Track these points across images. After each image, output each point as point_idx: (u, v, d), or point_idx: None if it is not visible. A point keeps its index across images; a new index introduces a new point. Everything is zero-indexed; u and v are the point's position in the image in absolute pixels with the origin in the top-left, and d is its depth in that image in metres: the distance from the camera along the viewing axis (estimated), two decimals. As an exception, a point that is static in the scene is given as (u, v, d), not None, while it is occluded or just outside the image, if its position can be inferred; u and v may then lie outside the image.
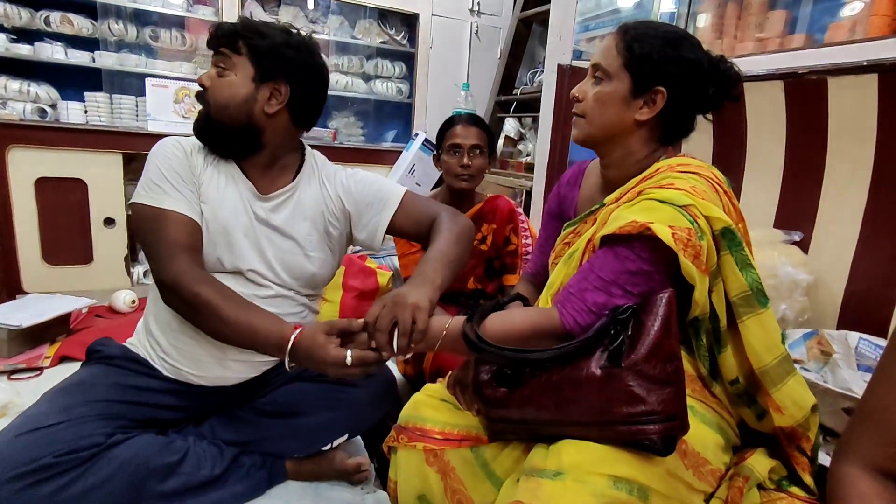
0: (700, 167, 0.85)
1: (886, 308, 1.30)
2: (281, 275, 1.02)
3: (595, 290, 0.81)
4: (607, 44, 0.89)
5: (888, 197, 1.31)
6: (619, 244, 0.80)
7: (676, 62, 0.85)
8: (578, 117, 0.92)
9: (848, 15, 1.59)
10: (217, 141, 0.99)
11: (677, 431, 0.71)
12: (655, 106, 0.87)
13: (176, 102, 2.26)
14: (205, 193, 0.96)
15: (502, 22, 3.08)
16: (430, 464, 0.92)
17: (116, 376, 0.97)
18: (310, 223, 1.04)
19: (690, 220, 0.76)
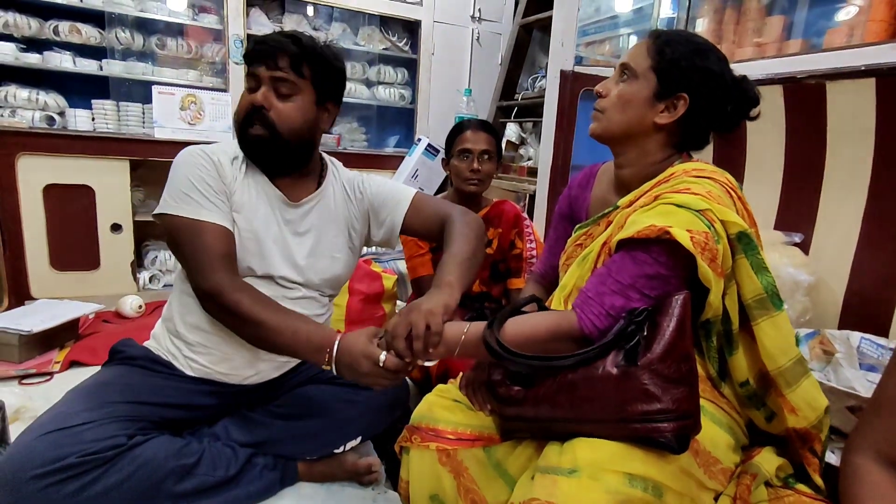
0: (714, 172, 0.87)
1: (887, 308, 1.32)
2: (309, 277, 1.05)
3: (613, 294, 0.82)
4: (638, 46, 0.91)
5: (887, 198, 1.33)
6: (637, 248, 0.81)
7: (702, 72, 0.86)
8: (599, 112, 0.94)
9: (844, 19, 1.62)
10: (278, 159, 1.00)
11: (691, 430, 0.73)
12: (676, 112, 0.88)
13: (182, 109, 2.28)
14: (237, 203, 0.98)
15: (503, 28, 3.11)
16: (442, 463, 0.94)
17: (139, 376, 1.00)
18: (335, 227, 1.08)
19: (707, 224, 0.77)
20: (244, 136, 0.97)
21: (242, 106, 0.98)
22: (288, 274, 1.01)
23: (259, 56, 0.95)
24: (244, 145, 0.99)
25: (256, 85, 0.96)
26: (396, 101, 3.03)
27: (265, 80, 0.95)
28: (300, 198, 1.04)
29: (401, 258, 2.45)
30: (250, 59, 0.96)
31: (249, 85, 0.98)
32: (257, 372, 1.05)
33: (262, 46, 0.95)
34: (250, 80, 0.98)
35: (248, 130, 0.97)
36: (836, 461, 0.99)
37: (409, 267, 1.61)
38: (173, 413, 0.99)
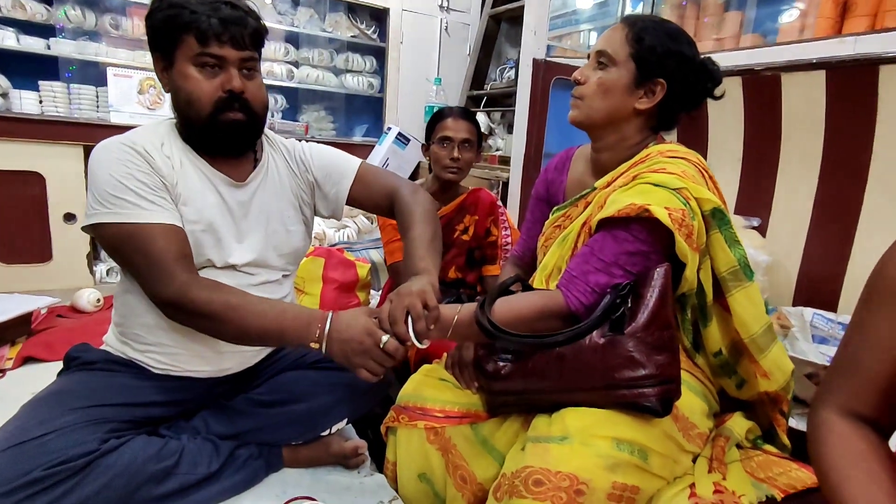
0: (687, 153, 0.91)
1: (835, 285, 1.43)
2: (269, 257, 1.01)
3: (597, 272, 0.85)
4: (614, 33, 0.93)
5: (835, 184, 1.43)
6: (618, 226, 0.84)
7: (678, 58, 0.90)
8: (578, 99, 0.96)
9: (787, 21, 1.72)
10: (248, 140, 0.96)
11: (673, 394, 0.77)
12: (655, 97, 0.92)
13: (140, 93, 2.18)
14: (182, 195, 0.91)
15: (471, 19, 3.12)
16: (431, 442, 0.95)
17: (102, 379, 0.94)
18: (285, 200, 1.04)
19: (683, 201, 0.81)
20: (217, 122, 0.90)
21: (206, 91, 0.87)
22: (248, 258, 0.97)
23: (221, 35, 0.85)
24: (215, 131, 0.91)
25: (215, 65, 0.87)
26: (365, 90, 2.99)
27: (233, 61, 0.88)
28: (244, 177, 0.98)
29: (374, 247, 2.44)
30: (204, 36, 0.85)
31: (203, 65, 0.87)
32: (231, 363, 1.02)
33: (223, 24, 0.85)
34: (207, 60, 0.86)
35: (223, 116, 0.89)
36: (798, 426, 1.07)
37: (386, 251, 1.60)
38: (145, 412, 0.95)
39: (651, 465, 0.76)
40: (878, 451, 0.53)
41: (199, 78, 0.87)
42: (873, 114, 1.30)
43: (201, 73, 0.87)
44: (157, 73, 0.92)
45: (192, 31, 0.84)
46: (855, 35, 1.26)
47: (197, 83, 0.87)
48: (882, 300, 0.54)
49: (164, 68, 0.91)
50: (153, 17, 0.87)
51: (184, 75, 0.87)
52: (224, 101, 0.88)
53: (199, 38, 0.85)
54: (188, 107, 0.89)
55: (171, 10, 0.85)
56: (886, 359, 0.53)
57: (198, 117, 0.89)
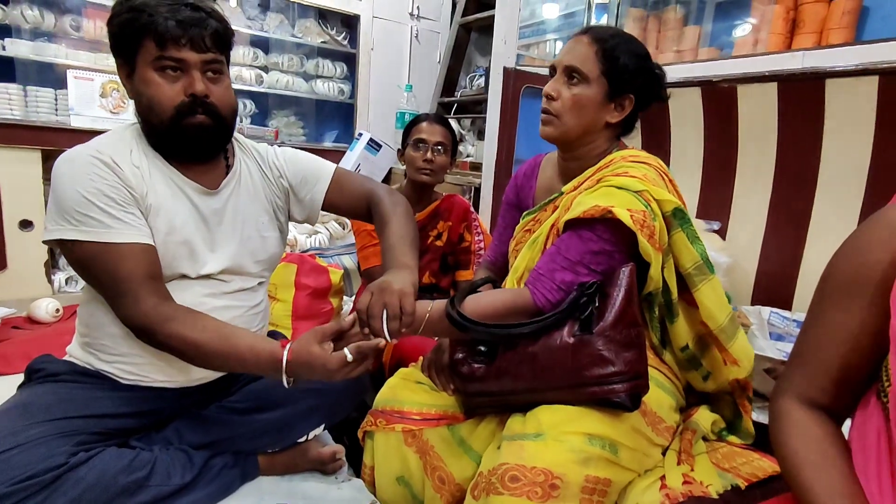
0: (648, 158, 0.96)
1: (790, 285, 1.51)
2: (244, 265, 1.00)
3: (563, 270, 0.89)
4: (583, 49, 0.94)
5: (787, 189, 1.52)
6: (583, 227, 0.88)
7: (645, 73, 0.95)
8: (552, 116, 0.97)
9: (741, 36, 1.82)
10: (216, 145, 0.94)
11: (641, 389, 0.81)
12: (624, 111, 0.96)
13: (103, 97, 2.11)
14: (153, 206, 0.88)
15: (441, 27, 3.16)
16: (408, 444, 0.96)
17: (68, 391, 0.91)
18: (259, 206, 1.02)
19: (644, 203, 0.86)
20: (180, 127, 0.86)
21: (168, 96, 0.85)
22: (223, 267, 0.96)
23: (179, 38, 0.83)
24: (180, 137, 0.88)
25: (175, 68, 0.85)
26: (335, 96, 2.98)
27: (195, 64, 0.85)
28: (216, 184, 0.96)
29: (346, 252, 2.43)
30: (162, 39, 0.82)
31: (163, 68, 0.84)
32: (204, 373, 1.00)
33: (182, 27, 0.82)
34: (166, 63, 0.84)
35: (186, 120, 0.87)
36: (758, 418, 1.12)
37: (360, 257, 1.60)
38: (115, 423, 0.92)
39: (621, 459, 0.79)
40: (833, 437, 0.57)
41: (161, 82, 0.85)
42: (821, 124, 1.39)
43: (162, 78, 0.85)
44: (122, 79, 0.90)
45: (151, 34, 0.82)
46: (804, 50, 1.35)
47: (158, 88, 0.85)
48: (834, 295, 0.58)
49: (128, 74, 0.88)
50: (113, 21, 0.85)
51: (145, 80, 0.85)
52: (187, 105, 0.86)
53: (157, 42, 0.82)
54: (150, 112, 0.87)
55: (129, 14, 0.82)
56: (839, 350, 0.58)
57: (160, 123, 0.87)
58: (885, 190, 1.30)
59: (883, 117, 1.26)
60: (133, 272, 0.82)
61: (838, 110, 1.35)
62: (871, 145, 1.30)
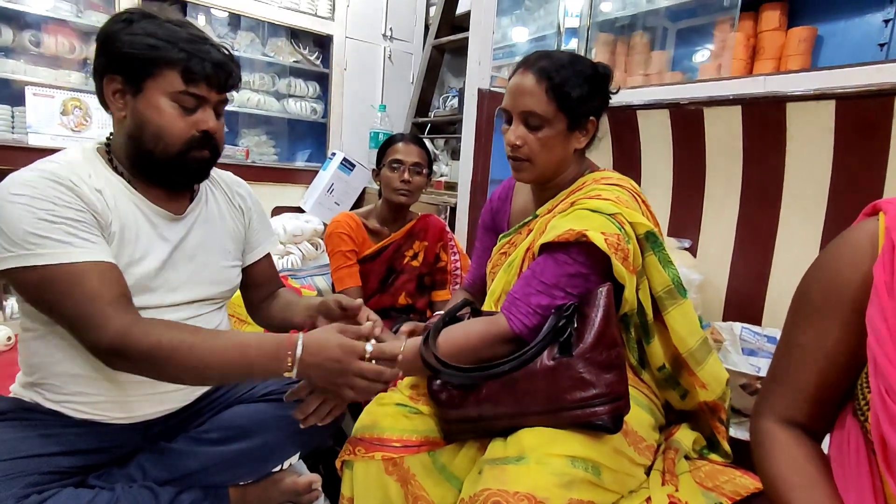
0: (621, 179, 0.97)
1: (759, 300, 1.55)
2: (209, 292, 0.97)
3: (538, 294, 0.88)
4: (531, 88, 0.92)
5: (754, 208, 1.57)
6: (558, 250, 0.88)
7: (599, 93, 0.96)
8: (522, 161, 0.96)
9: (704, 61, 1.90)
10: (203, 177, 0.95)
11: (623, 410, 0.80)
12: (588, 133, 0.97)
13: (63, 114, 2.03)
14: (117, 234, 0.84)
15: (414, 48, 3.20)
16: (389, 473, 0.93)
17: (15, 430, 0.84)
18: (226, 232, 1.01)
19: (618, 226, 0.86)
20: (185, 159, 0.87)
21: (181, 129, 0.85)
22: (185, 297, 0.93)
23: (210, 79, 0.85)
24: (179, 168, 0.87)
25: (194, 105, 0.86)
26: (308, 115, 2.97)
27: (212, 102, 0.87)
28: (181, 210, 0.94)
29: (319, 273, 2.38)
30: (192, 78, 0.83)
31: (181, 102, 0.84)
32: (165, 405, 0.95)
33: (215, 69, 0.85)
34: (184, 99, 0.84)
35: (192, 154, 0.87)
36: (737, 434, 1.13)
37: (335, 278, 1.57)
38: (70, 461, 0.86)
39: (604, 481, 0.78)
40: (814, 456, 0.57)
41: (175, 114, 0.84)
42: (783, 144, 1.45)
43: (175, 110, 0.84)
44: (108, 94, 0.85)
45: (178, 68, 0.82)
46: (765, 75, 1.41)
47: (172, 119, 0.84)
48: (807, 316, 0.60)
49: (124, 93, 0.84)
50: (123, 39, 0.81)
51: (157, 108, 0.83)
52: (197, 140, 0.87)
53: (185, 78, 0.83)
54: (156, 140, 0.84)
55: (154, 41, 0.81)
56: (815, 369, 0.58)
57: (164, 153, 0.85)
58: (845, 206, 1.35)
59: (840, 139, 1.32)
60: (98, 291, 0.75)
61: (799, 132, 1.41)
62: (830, 165, 1.36)
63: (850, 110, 1.28)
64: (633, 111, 1.75)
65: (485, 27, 1.83)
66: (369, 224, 1.63)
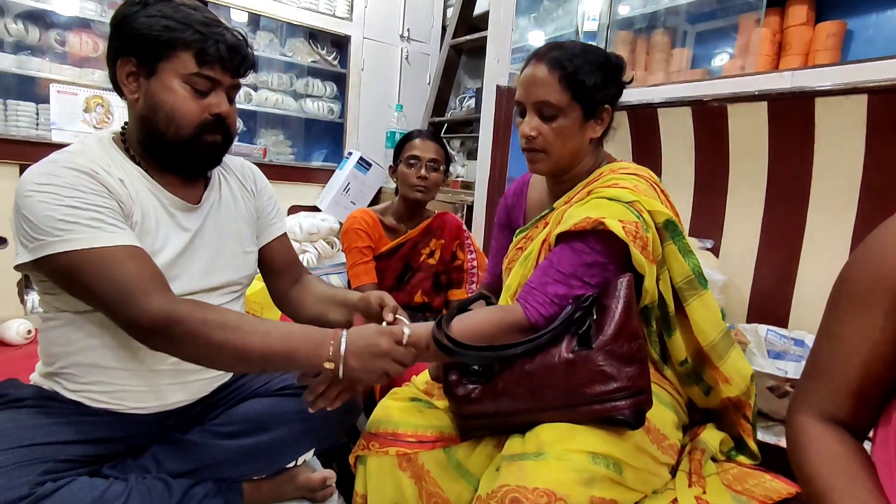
0: (639, 169, 0.95)
1: (785, 302, 1.50)
2: (225, 280, 0.97)
3: (555, 283, 0.86)
4: (544, 79, 0.90)
5: (779, 207, 1.52)
6: (575, 239, 0.86)
7: (614, 81, 0.94)
8: (538, 152, 0.95)
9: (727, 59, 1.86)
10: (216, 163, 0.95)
11: (645, 404, 0.77)
12: (604, 122, 0.96)
13: (86, 112, 2.07)
14: (139, 224, 0.84)
15: (431, 49, 3.20)
16: (403, 469, 0.91)
17: (32, 418, 0.84)
18: (241, 220, 1.01)
19: (636, 214, 0.84)
20: (197, 143, 0.86)
21: (193, 112, 0.84)
22: (203, 286, 0.93)
23: (224, 62, 0.84)
24: (191, 152, 0.87)
25: (208, 88, 0.85)
26: (325, 115, 2.98)
27: (225, 86, 0.87)
28: (197, 199, 0.94)
29: (335, 272, 2.37)
30: (206, 60, 0.83)
31: (195, 85, 0.84)
32: (183, 397, 0.94)
33: (229, 52, 0.84)
34: (197, 81, 0.84)
35: (204, 138, 0.87)
36: (765, 438, 1.09)
37: (351, 275, 1.56)
38: (85, 450, 0.85)
39: (626, 479, 0.75)
40: (856, 454, 0.54)
41: (188, 96, 0.84)
42: (811, 142, 1.40)
43: (188, 92, 0.84)
44: (121, 77, 0.84)
45: (193, 50, 0.82)
46: (791, 70, 1.37)
47: (184, 101, 0.83)
48: (849, 305, 0.56)
49: (138, 75, 0.84)
50: (139, 21, 0.81)
51: (170, 89, 0.83)
52: (209, 123, 0.86)
53: (199, 60, 0.82)
54: (168, 122, 0.84)
55: (169, 22, 0.81)
56: (856, 361, 0.55)
57: (176, 136, 0.85)
58: (877, 205, 1.30)
59: (873, 134, 1.28)
60: (138, 271, 0.75)
61: (828, 128, 1.36)
62: (861, 162, 1.31)
63: (884, 105, 1.24)
64: (654, 109, 1.72)
65: (504, 24, 1.82)
66: (386, 221, 1.62)
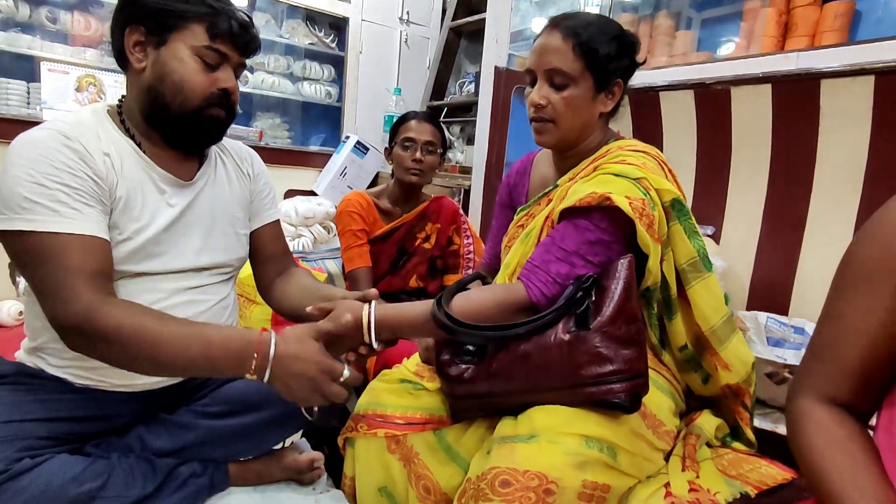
0: (647, 147, 0.92)
1: (786, 290, 1.48)
2: (215, 261, 0.95)
3: (558, 262, 0.83)
4: (558, 46, 0.88)
5: (782, 192, 1.50)
6: (579, 216, 0.83)
7: (627, 54, 0.91)
8: (546, 122, 0.92)
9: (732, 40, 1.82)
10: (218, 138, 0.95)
11: (641, 388, 0.75)
12: (615, 96, 0.93)
13: (78, 91, 2.03)
14: (122, 199, 0.82)
15: (430, 32, 3.14)
16: (391, 451, 0.90)
17: (13, 394, 0.83)
18: (235, 201, 0.99)
19: (643, 191, 0.81)
20: (201, 116, 0.86)
21: (202, 83, 0.84)
22: (191, 264, 0.91)
23: (234, 37, 0.85)
24: (194, 125, 0.87)
25: (217, 62, 0.86)
26: (322, 98, 2.94)
27: (233, 62, 0.88)
28: (190, 175, 0.92)
29: (330, 257, 2.35)
30: (217, 34, 0.83)
31: (204, 57, 0.84)
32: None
33: (240, 29, 0.86)
34: (207, 54, 0.84)
35: (209, 111, 0.87)
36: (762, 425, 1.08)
37: (345, 258, 1.54)
38: (67, 427, 0.84)
39: (620, 463, 0.74)
40: (859, 437, 0.52)
41: (197, 68, 0.84)
42: (816, 125, 1.37)
43: (198, 64, 0.84)
44: (128, 45, 0.84)
45: (206, 23, 0.83)
46: (797, 51, 1.33)
47: (194, 72, 0.84)
48: (854, 285, 0.54)
49: (146, 44, 0.84)
50: None
51: (180, 59, 0.83)
52: (216, 97, 0.87)
53: (211, 33, 0.83)
54: (175, 92, 0.84)
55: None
56: (860, 343, 0.53)
57: (182, 107, 0.85)
58: (882, 190, 1.28)
59: (880, 117, 1.25)
60: (77, 266, 0.73)
61: (834, 111, 1.33)
62: (867, 146, 1.28)
63: (891, 86, 1.21)
64: (656, 93, 1.68)
65: (503, 3, 1.78)
66: (381, 204, 1.59)
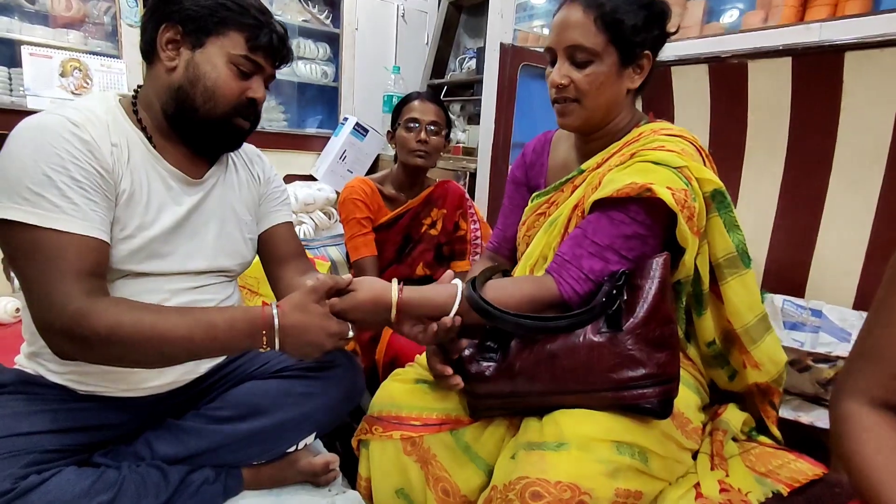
0: (682, 131, 0.86)
1: (803, 271, 1.44)
2: (220, 263, 0.93)
3: (591, 257, 0.79)
4: (578, 20, 0.82)
5: (800, 171, 1.45)
6: (614, 208, 0.78)
7: (656, 23, 0.83)
8: (571, 102, 0.86)
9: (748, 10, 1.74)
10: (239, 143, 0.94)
11: (673, 393, 0.72)
12: (644, 70, 0.86)
13: (63, 76, 1.94)
14: (127, 192, 0.79)
15: (428, 6, 3.02)
16: (408, 453, 0.87)
17: (14, 404, 0.80)
18: (243, 204, 0.97)
19: (685, 181, 0.76)
20: (229, 124, 0.86)
21: (233, 91, 0.84)
22: (195, 266, 0.89)
23: (272, 51, 0.86)
24: (218, 131, 0.86)
25: (251, 71, 0.85)
26: (319, 79, 2.84)
27: (266, 73, 0.88)
28: (200, 174, 0.90)
29: (333, 244, 2.31)
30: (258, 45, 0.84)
31: (240, 66, 0.84)
32: (172, 378, 0.90)
33: (278, 43, 0.87)
34: (243, 63, 0.84)
35: (235, 120, 0.87)
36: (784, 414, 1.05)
37: (350, 247, 1.50)
38: (73, 438, 0.81)
39: (652, 468, 0.71)
40: None
41: (230, 75, 0.84)
42: (838, 101, 1.32)
43: (232, 72, 0.84)
44: (160, 42, 0.83)
45: (246, 34, 0.83)
46: (820, 21, 1.27)
47: (228, 79, 0.84)
48: None
49: (180, 44, 0.83)
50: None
51: (215, 65, 0.83)
52: (244, 106, 0.87)
53: (250, 44, 0.84)
54: (206, 97, 0.83)
55: (232, 4, 0.83)
56: None
57: (210, 112, 0.84)
58: (908, 169, 1.23)
59: (907, 92, 1.19)
60: (72, 268, 0.70)
61: (858, 86, 1.27)
62: (892, 122, 1.23)
63: (922, 59, 1.15)
64: (667, 67, 1.61)
65: (507, -25, 1.69)
66: (385, 190, 1.54)
